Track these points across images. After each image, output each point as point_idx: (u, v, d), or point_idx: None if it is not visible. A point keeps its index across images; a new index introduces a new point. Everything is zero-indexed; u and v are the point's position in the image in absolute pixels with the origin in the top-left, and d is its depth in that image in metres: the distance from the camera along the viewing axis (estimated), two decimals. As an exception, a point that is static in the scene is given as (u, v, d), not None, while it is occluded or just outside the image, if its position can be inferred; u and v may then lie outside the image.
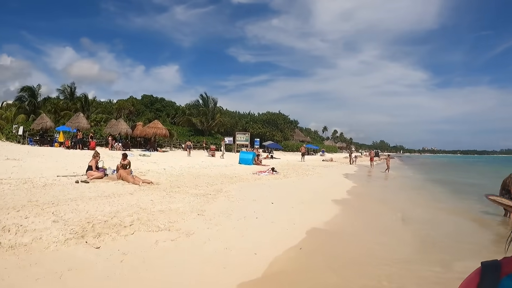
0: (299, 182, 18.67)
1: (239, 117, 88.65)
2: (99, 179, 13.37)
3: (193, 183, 14.37)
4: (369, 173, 32.91)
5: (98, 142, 41.21)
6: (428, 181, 27.31)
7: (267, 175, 20.33)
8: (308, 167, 31.20)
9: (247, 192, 12.91)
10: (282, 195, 13.13)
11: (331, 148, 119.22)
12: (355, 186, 19.49)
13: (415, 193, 18.25)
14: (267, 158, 45.40)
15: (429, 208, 12.98)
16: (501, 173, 42.04)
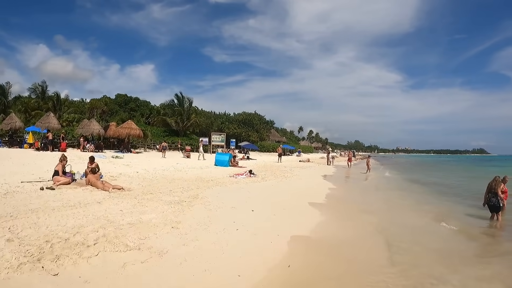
0: (278, 185, 17.99)
1: (214, 117, 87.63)
2: (66, 185, 12.45)
3: (167, 188, 13.57)
4: (348, 174, 32.70)
5: (69, 143, 39.89)
6: (407, 182, 27.38)
7: (244, 178, 19.64)
8: (285, 169, 30.59)
9: (225, 198, 12.17)
10: (262, 200, 12.49)
11: (307, 148, 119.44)
12: (335, 188, 19.20)
13: (396, 196, 18.01)
14: (243, 159, 44.65)
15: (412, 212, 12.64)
16: (474, 173, 42.57)
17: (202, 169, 24.10)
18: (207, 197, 11.88)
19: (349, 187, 21.94)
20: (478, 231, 10.73)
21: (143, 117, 75.62)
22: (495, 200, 12.26)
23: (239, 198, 12.40)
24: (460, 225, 10.82)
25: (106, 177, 14.67)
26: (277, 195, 14.34)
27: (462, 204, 15.60)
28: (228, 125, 78.59)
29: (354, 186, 23.20)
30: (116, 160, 26.64)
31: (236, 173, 21.64)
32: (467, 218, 12.51)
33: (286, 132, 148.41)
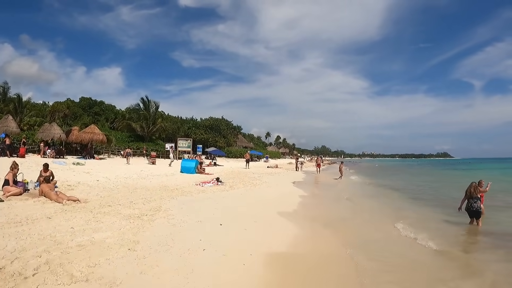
0: (247, 194, 17.19)
1: (181, 123, 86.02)
2: (17, 196, 11.37)
3: (128, 199, 12.58)
4: (318, 181, 32.09)
5: (30, 148, 38.01)
6: (379, 187, 27.18)
7: (211, 186, 18.77)
8: (254, 175, 29.89)
9: (191, 209, 11.31)
10: (231, 212, 11.69)
11: (275, 153, 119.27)
12: (307, 196, 18.65)
13: (370, 203, 17.51)
14: (210, 165, 43.72)
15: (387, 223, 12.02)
16: (443, 177, 43.02)
17: (168, 177, 23.08)
18: (171, 209, 11.00)
19: (321, 195, 21.26)
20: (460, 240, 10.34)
21: (107, 121, 73.62)
22: (477, 205, 12.04)
23: (206, 210, 11.53)
24: (440, 235, 10.23)
25: (63, 186, 13.67)
26: (247, 206, 13.57)
27: (438, 210, 15.27)
28: (195, 131, 76.91)
29: (326, 193, 22.43)
30: (77, 167, 25.29)
31: (202, 181, 20.71)
32: (445, 225, 12.08)
33: (254, 137, 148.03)
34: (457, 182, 30.14)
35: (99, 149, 49.24)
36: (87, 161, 33.95)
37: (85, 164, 28.77)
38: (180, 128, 78.44)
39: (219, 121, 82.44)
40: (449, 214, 13.56)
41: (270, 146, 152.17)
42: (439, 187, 28.95)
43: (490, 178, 15.05)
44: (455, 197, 16.82)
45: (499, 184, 24.14)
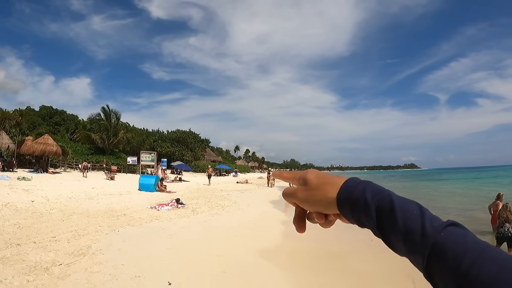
0: (214, 221, 13.56)
1: (146, 135, 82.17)
2: None
3: (51, 232, 9.28)
4: None
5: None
6: None
7: (169, 209, 15.34)
8: (222, 193, 26.50)
9: (132, 251, 8.02)
10: (188, 254, 8.31)
11: (244, 167, 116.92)
12: (290, 220, 15.25)
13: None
14: (175, 180, 40.56)
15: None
16: (411, 188, 41.25)
17: (121, 196, 19.67)
18: (103, 252, 7.71)
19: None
20: None
21: (68, 132, 69.40)
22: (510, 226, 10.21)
23: (153, 252, 8.16)
24: None
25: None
26: (213, 241, 10.05)
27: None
28: (161, 144, 73.09)
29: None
30: (20, 183, 21.69)
31: (159, 203, 17.23)
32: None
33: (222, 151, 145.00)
34: (444, 194, 31.43)
35: (56, 162, 45.35)
36: (38, 175, 30.28)
37: (31, 179, 25.16)
38: (146, 140, 74.66)
39: (186, 134, 78.90)
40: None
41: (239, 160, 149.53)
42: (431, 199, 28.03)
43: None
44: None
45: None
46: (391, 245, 0.72)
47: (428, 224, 0.66)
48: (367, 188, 0.76)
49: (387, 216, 0.71)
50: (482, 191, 35.97)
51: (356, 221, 0.77)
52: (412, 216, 0.68)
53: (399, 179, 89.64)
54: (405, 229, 0.67)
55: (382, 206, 0.72)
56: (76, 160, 49.08)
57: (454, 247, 0.61)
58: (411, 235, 0.67)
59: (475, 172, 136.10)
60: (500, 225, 10.64)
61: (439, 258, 0.62)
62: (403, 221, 0.68)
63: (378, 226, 0.72)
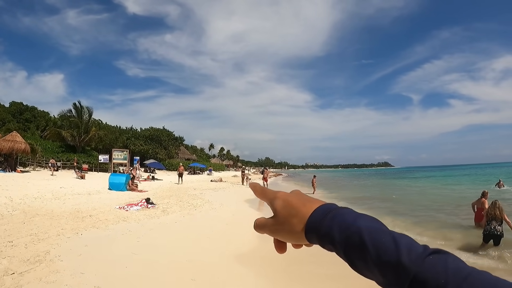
0: (185, 222, 12.86)
1: (119, 133, 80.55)
2: None
3: (9, 236, 8.56)
4: None
5: None
6: (344, 200, 24.79)
7: (138, 209, 14.65)
8: (195, 192, 25.80)
9: (93, 257, 7.37)
10: (156, 259, 7.63)
11: (219, 166, 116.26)
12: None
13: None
14: (148, 179, 39.78)
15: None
16: (387, 185, 42.11)
17: (90, 196, 18.85)
18: (62, 257, 7.08)
19: None
20: None
21: (38, 129, 67.54)
22: (502, 228, 10.39)
23: (117, 257, 7.56)
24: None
25: None
26: (183, 244, 9.49)
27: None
28: (134, 141, 72.00)
29: None
30: (-18, 183, 20.88)
31: (128, 202, 16.50)
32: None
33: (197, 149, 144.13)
34: (420, 191, 31.94)
35: (25, 160, 43.98)
36: (6, 174, 29.18)
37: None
38: (118, 138, 73.24)
39: (160, 132, 77.78)
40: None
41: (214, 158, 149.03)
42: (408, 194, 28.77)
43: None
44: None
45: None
46: (370, 277, 0.67)
47: (405, 257, 0.62)
48: (334, 223, 0.71)
49: (358, 253, 0.66)
50: (457, 189, 36.80)
51: (330, 251, 0.73)
52: (386, 250, 0.63)
53: (373, 177, 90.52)
54: (381, 264, 0.63)
55: (351, 243, 0.67)
56: (46, 159, 47.66)
57: (435, 278, 0.58)
58: (387, 270, 0.63)
59: (447, 170, 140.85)
60: (487, 223, 10.67)
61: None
62: (377, 257, 0.63)
63: (350, 263, 0.68)
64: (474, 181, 53.55)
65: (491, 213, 10.56)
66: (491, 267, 8.70)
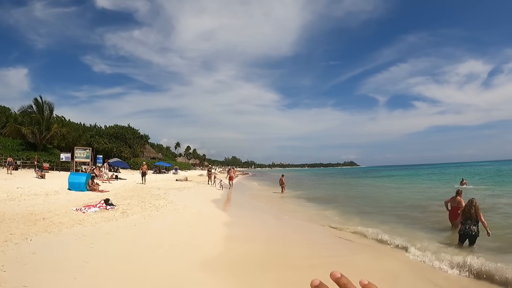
0: (146, 224, 12.18)
1: (83, 130, 78.26)
2: None
3: None
4: (239, 197, 28.15)
5: None
6: (312, 201, 24.57)
7: (96, 211, 13.84)
8: (159, 192, 24.88)
9: (40, 267, 6.70)
10: (110, 269, 7.05)
11: (185, 165, 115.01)
12: (233, 221, 14.31)
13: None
14: (112, 178, 38.69)
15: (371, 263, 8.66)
16: (355, 184, 42.84)
17: (47, 197, 17.82)
18: (6, 267, 6.41)
19: (252, 218, 17.02)
20: None
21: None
22: (476, 228, 10.47)
23: (66, 266, 6.91)
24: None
25: None
26: (142, 250, 8.82)
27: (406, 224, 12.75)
28: (98, 139, 69.84)
29: (257, 214, 18.41)
30: None
31: (86, 204, 15.61)
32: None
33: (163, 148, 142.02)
34: (389, 190, 31.90)
35: (-16, 159, 42.12)
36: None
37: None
38: (82, 136, 71.12)
39: (124, 129, 75.65)
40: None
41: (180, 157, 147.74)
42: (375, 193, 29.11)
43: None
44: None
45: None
46: None
47: None
48: None
49: None
50: (423, 188, 37.93)
51: None
52: None
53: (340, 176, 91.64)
54: None
55: None
56: (5, 157, 45.74)
57: None
58: None
59: (412, 169, 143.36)
60: (462, 222, 10.72)
61: None
62: None
63: None
64: (439, 179, 55.56)
65: (467, 212, 10.59)
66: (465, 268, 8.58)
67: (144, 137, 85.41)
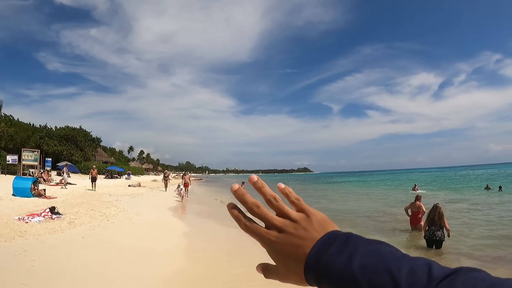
0: (94, 237, 11.03)
1: (32, 131, 74.84)
2: None
3: None
4: (197, 204, 26.35)
5: None
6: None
7: (41, 221, 12.66)
8: (110, 198, 23.59)
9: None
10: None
11: (138, 169, 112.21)
12: (193, 232, 13.27)
13: None
14: (61, 183, 36.87)
15: None
16: (314, 190, 42.80)
17: (-13, 203, 16.75)
18: None
19: (212, 227, 15.74)
20: None
21: None
22: (442, 233, 10.75)
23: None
24: None
25: None
26: (89, 268, 7.74)
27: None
28: (48, 141, 66.89)
29: (216, 224, 17.58)
30: None
31: (31, 212, 14.28)
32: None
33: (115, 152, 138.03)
34: (346, 195, 30.83)
35: None
36: None
37: None
38: (31, 137, 68.03)
39: (76, 131, 72.77)
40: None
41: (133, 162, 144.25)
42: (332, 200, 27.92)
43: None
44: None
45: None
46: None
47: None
48: (355, 253, 0.59)
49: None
50: (379, 194, 38.93)
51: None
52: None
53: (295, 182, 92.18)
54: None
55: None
56: None
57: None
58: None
59: (365, 176, 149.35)
60: (427, 228, 11.01)
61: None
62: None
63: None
64: (393, 185, 58.09)
65: (431, 218, 10.89)
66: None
67: (96, 140, 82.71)
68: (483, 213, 19.87)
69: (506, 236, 13.27)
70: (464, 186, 45.46)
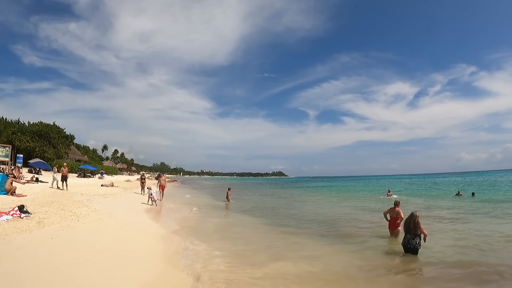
0: (64, 238, 10.57)
1: (5, 126, 72.52)
2: None
3: None
4: (172, 205, 26.05)
5: None
6: (250, 213, 21.55)
7: (9, 220, 12.08)
8: (82, 198, 22.88)
9: None
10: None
11: (112, 169, 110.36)
12: (171, 237, 12.90)
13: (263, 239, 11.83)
14: (32, 180, 35.90)
15: None
16: (291, 195, 42.47)
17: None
18: None
19: (195, 231, 15.25)
20: None
21: None
22: (415, 242, 10.80)
23: None
24: None
25: None
26: (57, 272, 7.38)
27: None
28: (20, 137, 64.83)
29: (200, 226, 16.95)
30: None
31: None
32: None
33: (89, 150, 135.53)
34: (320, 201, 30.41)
35: None
36: None
37: None
38: (3, 132, 66.10)
39: (49, 128, 70.86)
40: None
41: (107, 161, 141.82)
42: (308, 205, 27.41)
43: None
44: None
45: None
46: None
47: None
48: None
49: None
50: (354, 199, 39.30)
51: None
52: None
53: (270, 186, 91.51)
54: None
55: None
56: None
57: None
58: None
59: (339, 181, 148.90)
60: (404, 235, 11.19)
61: None
62: None
63: None
64: (367, 191, 58.54)
65: (407, 225, 11.03)
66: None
67: (70, 137, 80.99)
68: (451, 219, 20.25)
69: (475, 241, 13.55)
70: (436, 193, 46.49)
